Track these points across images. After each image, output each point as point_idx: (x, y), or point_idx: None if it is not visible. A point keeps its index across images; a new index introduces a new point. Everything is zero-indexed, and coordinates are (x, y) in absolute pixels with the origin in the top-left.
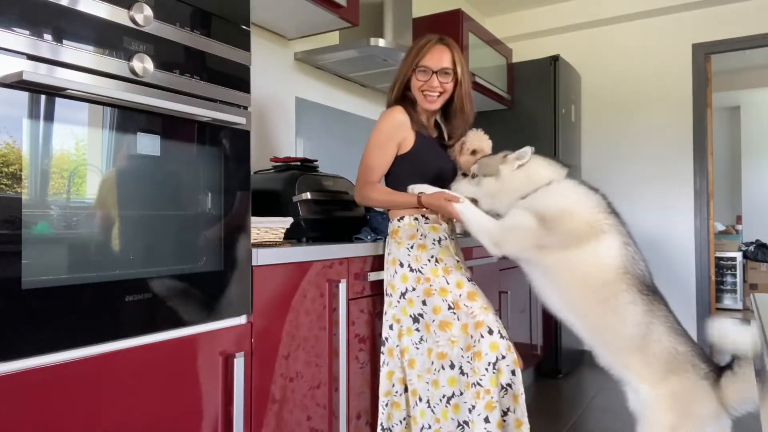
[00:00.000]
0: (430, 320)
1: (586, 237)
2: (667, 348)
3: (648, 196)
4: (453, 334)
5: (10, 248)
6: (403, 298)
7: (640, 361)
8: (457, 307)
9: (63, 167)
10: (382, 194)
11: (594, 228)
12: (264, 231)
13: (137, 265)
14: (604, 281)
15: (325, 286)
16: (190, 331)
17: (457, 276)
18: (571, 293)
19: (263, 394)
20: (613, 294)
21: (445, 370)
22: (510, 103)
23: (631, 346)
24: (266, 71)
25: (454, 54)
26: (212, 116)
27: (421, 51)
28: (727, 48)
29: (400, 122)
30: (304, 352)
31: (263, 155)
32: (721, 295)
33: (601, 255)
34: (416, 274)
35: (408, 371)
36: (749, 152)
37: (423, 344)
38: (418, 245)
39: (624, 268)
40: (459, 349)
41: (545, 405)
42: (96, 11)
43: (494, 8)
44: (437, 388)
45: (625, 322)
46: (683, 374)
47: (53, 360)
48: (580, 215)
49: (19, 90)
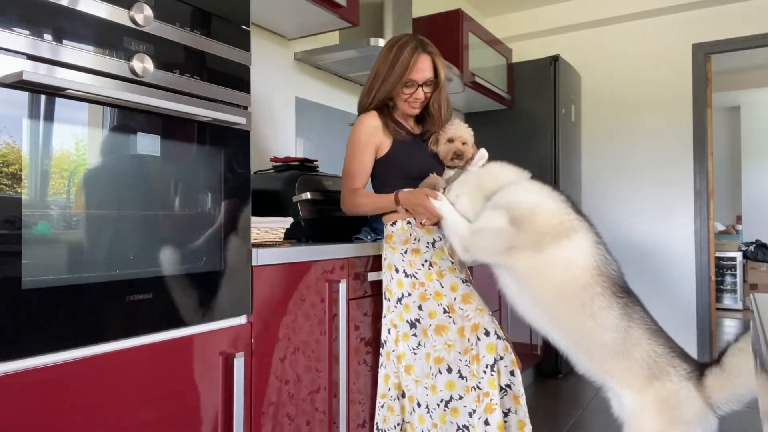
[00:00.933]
0: (427, 325)
1: (558, 235)
2: (647, 351)
3: (648, 196)
4: (449, 338)
5: (10, 248)
6: (400, 303)
7: (622, 367)
8: (452, 310)
9: (63, 167)
10: (365, 198)
11: (565, 226)
12: (264, 231)
13: (137, 265)
14: (579, 285)
15: (325, 287)
16: (190, 331)
17: (451, 279)
18: (546, 299)
19: (263, 394)
20: (589, 298)
21: (442, 374)
22: (510, 103)
23: (611, 352)
24: (266, 71)
25: (436, 62)
26: (212, 116)
27: (409, 65)
28: (727, 48)
29: (374, 127)
30: (303, 351)
31: (263, 155)
32: (721, 295)
33: (574, 255)
34: (411, 279)
35: (405, 377)
36: (749, 152)
37: (421, 349)
38: (412, 250)
39: (598, 269)
40: (456, 353)
41: (545, 405)
42: (96, 11)
43: (494, 8)
44: (435, 392)
45: (603, 327)
46: (666, 378)
47: (53, 360)
48: (551, 212)
49: (19, 90)
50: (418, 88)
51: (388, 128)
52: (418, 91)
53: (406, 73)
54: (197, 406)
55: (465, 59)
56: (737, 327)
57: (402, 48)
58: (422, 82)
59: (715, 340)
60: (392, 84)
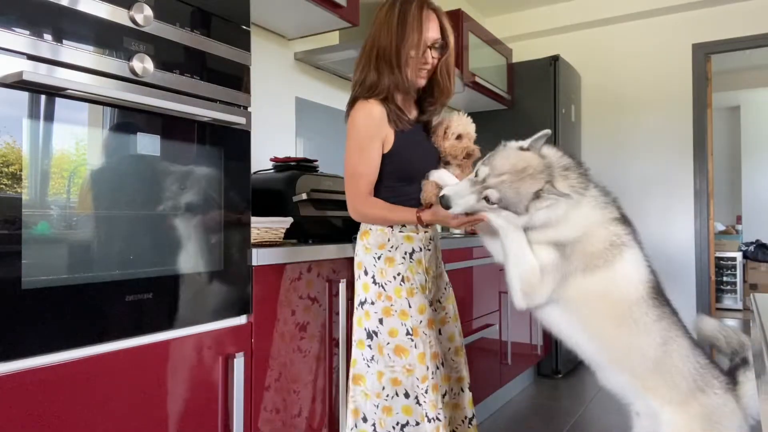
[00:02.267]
0: (385, 342)
1: (611, 257)
2: (692, 363)
3: (648, 196)
4: (409, 363)
5: (10, 248)
6: (362, 307)
7: (667, 383)
8: (416, 333)
9: (63, 167)
10: (379, 210)
11: (616, 245)
12: (264, 231)
13: (137, 265)
14: (632, 301)
15: (325, 286)
16: (190, 331)
17: (420, 299)
18: (596, 322)
19: (263, 394)
20: (642, 312)
21: (399, 397)
22: (510, 103)
23: (657, 365)
24: (266, 71)
25: (443, 21)
26: (212, 116)
27: (422, 22)
28: (727, 48)
29: (380, 117)
30: (303, 351)
31: (263, 155)
32: (721, 295)
33: (627, 273)
34: (378, 289)
35: (352, 386)
36: (749, 152)
37: (374, 364)
38: (386, 258)
39: (649, 281)
40: (415, 379)
41: (545, 405)
42: (96, 11)
43: (494, 8)
44: (390, 414)
45: (654, 341)
46: (710, 390)
47: (53, 360)
48: (599, 236)
49: (19, 90)
50: (427, 51)
51: (392, 117)
52: (427, 55)
53: (423, 32)
54: (197, 406)
55: (465, 59)
56: (737, 327)
57: (406, 4)
58: (431, 44)
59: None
60: (409, 47)
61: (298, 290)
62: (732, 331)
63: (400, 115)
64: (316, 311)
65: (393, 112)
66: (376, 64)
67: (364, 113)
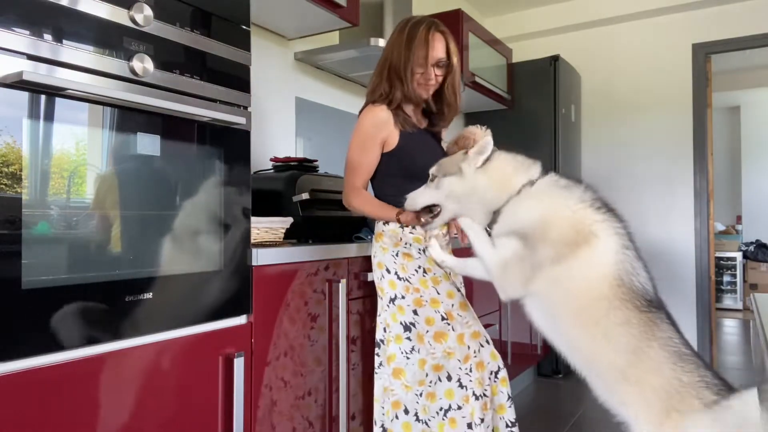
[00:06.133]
0: (424, 331)
1: (576, 244)
2: (668, 379)
3: (648, 196)
4: (449, 346)
5: (10, 248)
6: (393, 303)
7: (637, 397)
8: (450, 317)
9: (63, 167)
10: (366, 204)
11: (582, 232)
12: (264, 231)
13: (137, 265)
14: (594, 297)
15: (325, 286)
16: (190, 331)
17: (447, 286)
18: (562, 318)
19: (263, 393)
20: (604, 313)
21: (442, 382)
22: (510, 103)
23: (626, 378)
24: (266, 71)
25: (449, 42)
26: (212, 116)
27: (428, 42)
28: (727, 48)
29: (383, 121)
30: (303, 351)
31: (263, 155)
32: (721, 295)
33: (593, 265)
34: (405, 283)
35: (392, 380)
36: (749, 152)
37: (414, 354)
38: (404, 253)
39: (619, 278)
40: (456, 361)
41: (545, 405)
42: (96, 11)
43: (494, 8)
44: (434, 401)
45: (617, 347)
46: (688, 412)
47: (53, 360)
48: (561, 219)
49: (19, 90)
50: (430, 68)
51: (398, 120)
52: (429, 72)
53: (428, 51)
54: (197, 406)
55: (465, 59)
56: (737, 327)
57: (415, 27)
58: (435, 62)
59: (715, 340)
60: (415, 64)
61: (298, 290)
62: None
63: (407, 118)
64: (317, 311)
65: (400, 116)
66: (388, 77)
67: (371, 115)
